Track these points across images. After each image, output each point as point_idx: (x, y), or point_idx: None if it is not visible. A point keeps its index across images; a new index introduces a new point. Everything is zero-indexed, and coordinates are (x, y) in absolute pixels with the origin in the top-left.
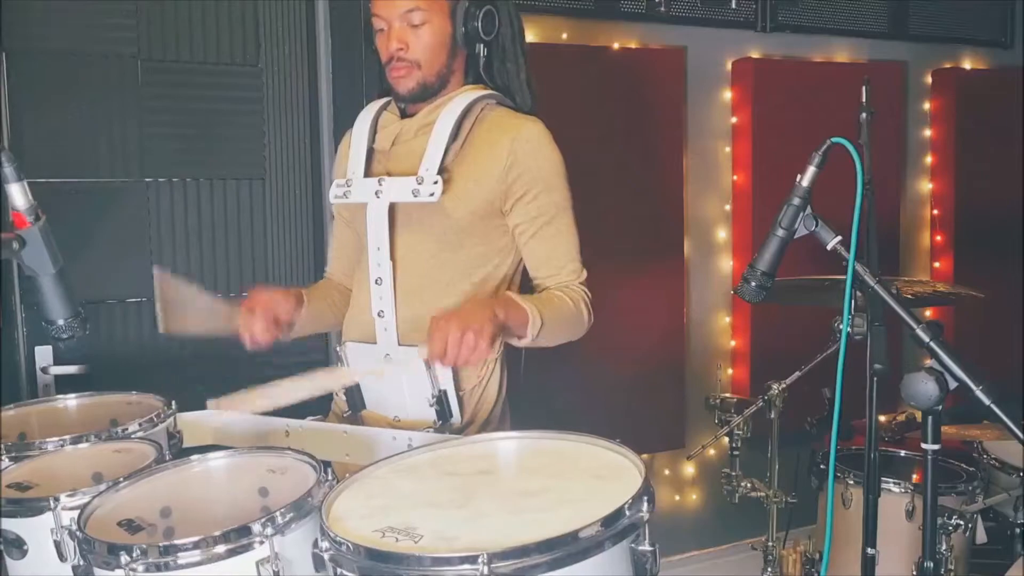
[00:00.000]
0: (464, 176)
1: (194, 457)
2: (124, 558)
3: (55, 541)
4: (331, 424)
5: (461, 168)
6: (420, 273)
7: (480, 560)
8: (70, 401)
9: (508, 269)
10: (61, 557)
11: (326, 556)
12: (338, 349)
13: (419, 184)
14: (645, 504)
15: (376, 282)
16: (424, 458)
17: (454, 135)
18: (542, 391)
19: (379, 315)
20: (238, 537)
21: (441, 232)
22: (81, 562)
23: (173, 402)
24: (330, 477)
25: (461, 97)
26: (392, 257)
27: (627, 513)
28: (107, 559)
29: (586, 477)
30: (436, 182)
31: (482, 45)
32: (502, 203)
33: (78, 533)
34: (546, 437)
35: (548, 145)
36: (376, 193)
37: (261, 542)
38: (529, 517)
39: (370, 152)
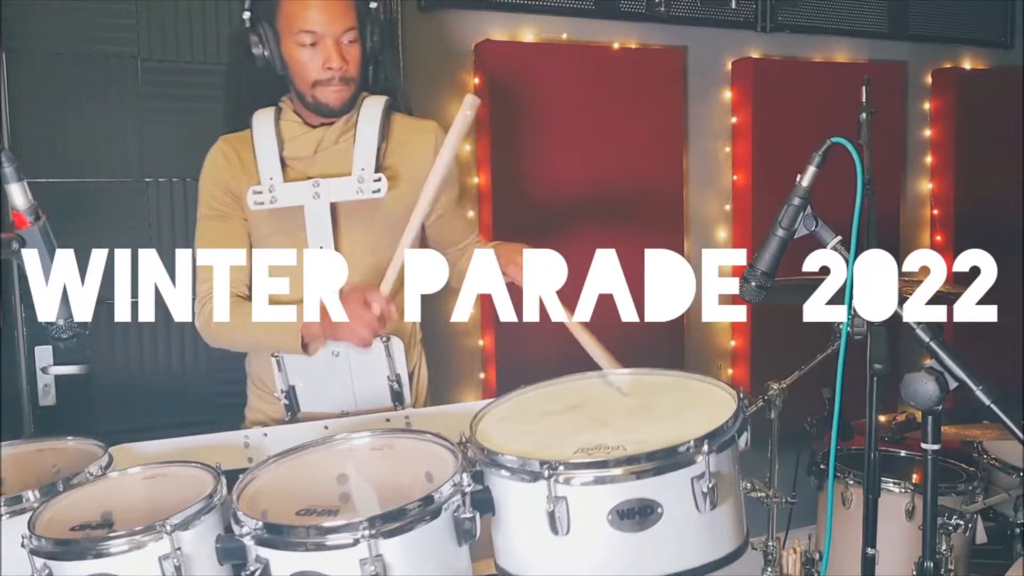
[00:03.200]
0: (397, 173)
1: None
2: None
3: None
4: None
5: (393, 166)
6: (362, 268)
7: (690, 446)
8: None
9: None
10: None
11: (558, 481)
12: (274, 355)
13: (360, 183)
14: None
15: None
16: (526, 399)
17: (381, 136)
18: None
19: None
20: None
21: (382, 228)
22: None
23: (109, 450)
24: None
25: (371, 101)
26: None
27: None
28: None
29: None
30: (379, 179)
31: (378, 57)
32: None
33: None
34: (638, 373)
35: None
36: (315, 195)
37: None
38: (665, 424)
39: (281, 160)
